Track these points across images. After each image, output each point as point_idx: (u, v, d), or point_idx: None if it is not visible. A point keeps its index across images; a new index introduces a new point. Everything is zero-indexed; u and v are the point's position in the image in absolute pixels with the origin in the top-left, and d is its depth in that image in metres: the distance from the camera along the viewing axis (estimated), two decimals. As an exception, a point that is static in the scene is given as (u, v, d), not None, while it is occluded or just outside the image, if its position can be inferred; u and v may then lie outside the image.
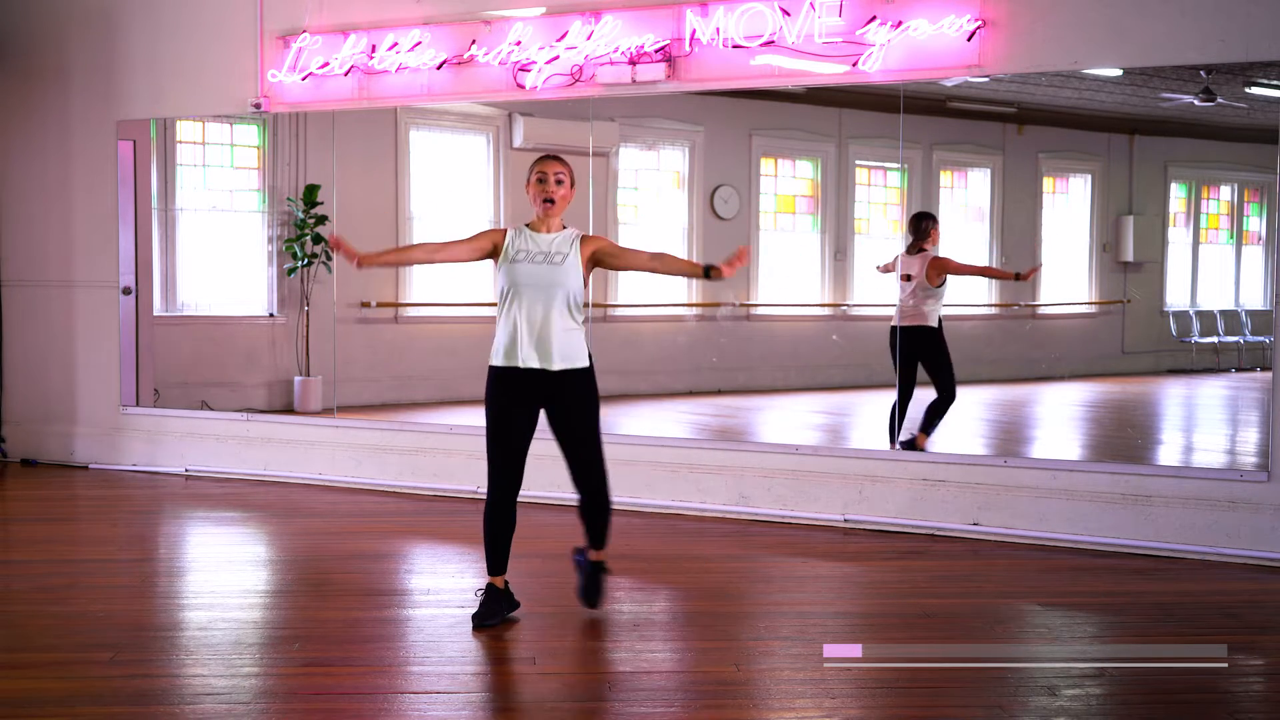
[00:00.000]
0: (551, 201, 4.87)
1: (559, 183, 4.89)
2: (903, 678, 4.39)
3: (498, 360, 4.89)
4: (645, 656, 4.64)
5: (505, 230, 4.96)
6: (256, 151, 9.85)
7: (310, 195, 9.52)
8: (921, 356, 7.49)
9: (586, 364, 4.90)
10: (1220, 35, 6.10)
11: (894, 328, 7.60)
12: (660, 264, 5.07)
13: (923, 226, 7.64)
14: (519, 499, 5.00)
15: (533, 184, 4.91)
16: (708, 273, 4.85)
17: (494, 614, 4.93)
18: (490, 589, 4.99)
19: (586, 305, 5.10)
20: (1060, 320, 9.88)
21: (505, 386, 4.87)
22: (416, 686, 4.32)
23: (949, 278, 7.58)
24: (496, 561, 4.98)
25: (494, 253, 4.94)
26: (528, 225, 4.94)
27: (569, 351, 4.84)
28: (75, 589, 5.58)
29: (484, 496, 7.58)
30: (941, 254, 7.60)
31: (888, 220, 10.46)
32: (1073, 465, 6.74)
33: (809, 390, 10.43)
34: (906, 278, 7.53)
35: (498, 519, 4.94)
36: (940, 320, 7.51)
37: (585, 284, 4.92)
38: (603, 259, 4.96)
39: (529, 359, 4.81)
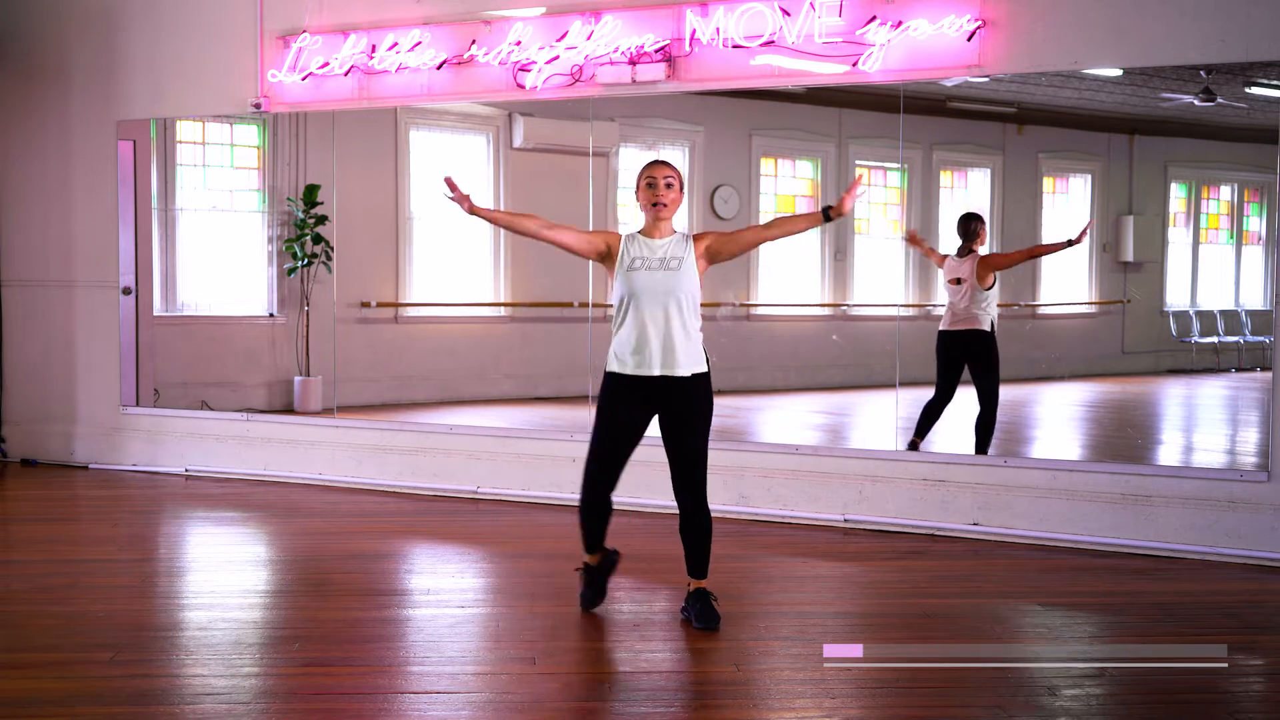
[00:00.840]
0: (664, 205, 4.84)
1: (669, 186, 4.85)
2: (903, 678, 4.39)
3: (617, 367, 4.87)
4: (645, 656, 4.64)
5: (619, 236, 4.93)
6: (256, 151, 9.85)
7: (310, 195, 9.52)
8: (971, 361, 7.43)
9: (706, 369, 4.90)
10: (1220, 35, 6.10)
11: (942, 332, 7.52)
12: (778, 230, 4.99)
13: (971, 228, 7.57)
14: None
15: (642, 189, 4.87)
16: (827, 213, 4.82)
17: (598, 595, 5.10)
18: (587, 569, 5.09)
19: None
20: (1060, 320, 9.87)
21: (624, 393, 4.86)
22: (416, 686, 4.32)
23: (999, 276, 7.55)
24: (592, 542, 5.06)
25: (606, 256, 4.93)
26: (639, 232, 4.92)
27: (691, 357, 4.84)
28: (75, 589, 5.58)
29: (484, 496, 7.67)
30: (988, 253, 7.57)
31: (888, 220, 10.45)
32: (1073, 465, 6.75)
33: (809, 390, 10.43)
34: (956, 281, 7.49)
35: (593, 510, 4.99)
36: (993, 324, 7.47)
37: (701, 284, 4.90)
38: (717, 253, 4.91)
39: (653, 366, 4.81)
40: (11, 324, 9.11)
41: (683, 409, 4.86)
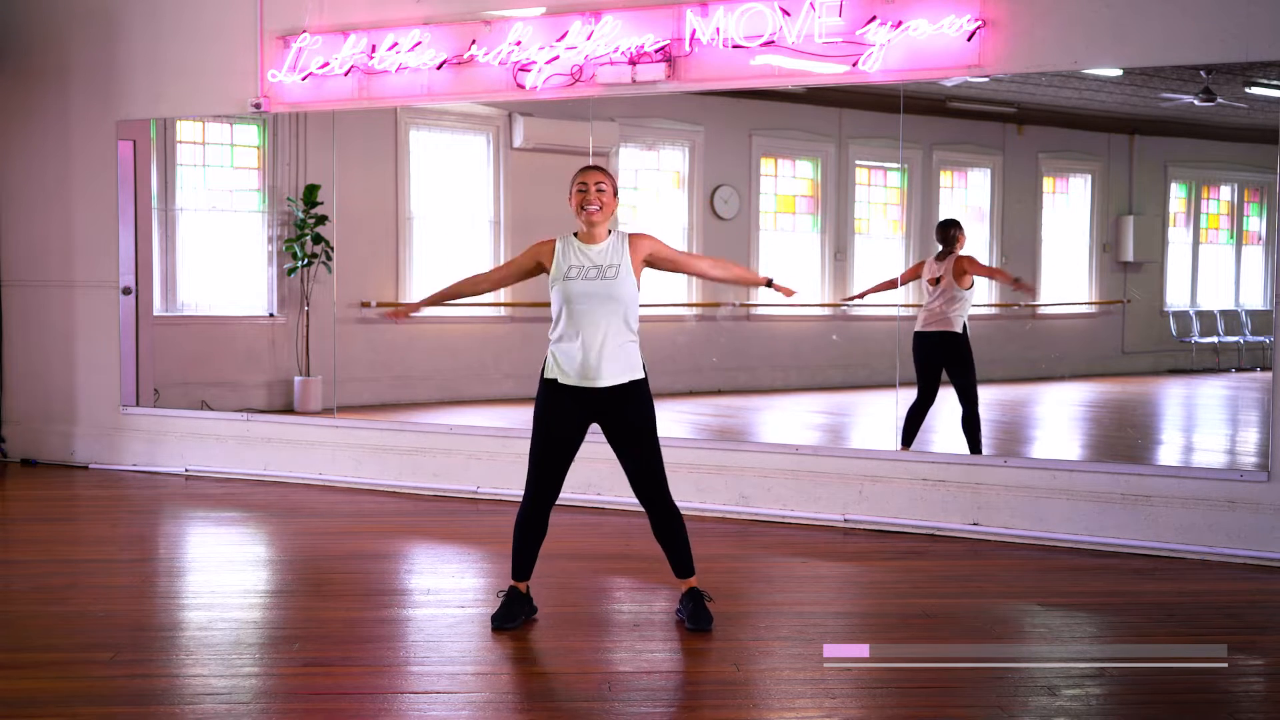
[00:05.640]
0: (597, 208, 4.79)
1: (600, 191, 4.80)
2: (903, 678, 4.39)
3: (555, 375, 4.82)
4: (645, 656, 4.64)
5: (553, 241, 4.86)
6: (256, 151, 9.86)
7: (310, 195, 9.52)
8: (946, 363, 7.45)
9: (642, 374, 4.86)
10: (1220, 35, 6.10)
11: (917, 333, 7.55)
12: (722, 271, 5.09)
13: (950, 234, 7.60)
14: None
15: (575, 194, 4.82)
16: (770, 283, 5.05)
17: (513, 617, 4.92)
18: (512, 591, 4.98)
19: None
20: (1060, 320, 9.88)
21: (559, 401, 4.82)
22: (416, 686, 4.32)
23: (975, 281, 7.57)
24: (522, 567, 4.96)
25: (541, 269, 4.87)
26: (575, 235, 4.87)
27: (627, 365, 4.80)
28: (75, 589, 5.58)
29: (484, 496, 7.67)
30: (967, 254, 7.59)
31: (888, 220, 10.46)
32: (1073, 465, 6.74)
33: (809, 390, 10.43)
34: (935, 281, 7.52)
35: (530, 526, 4.92)
36: (965, 326, 7.48)
37: (639, 287, 4.85)
38: (656, 263, 4.87)
39: (587, 378, 4.76)
40: (11, 324, 9.12)
41: (626, 418, 4.83)
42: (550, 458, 4.87)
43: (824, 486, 7.01)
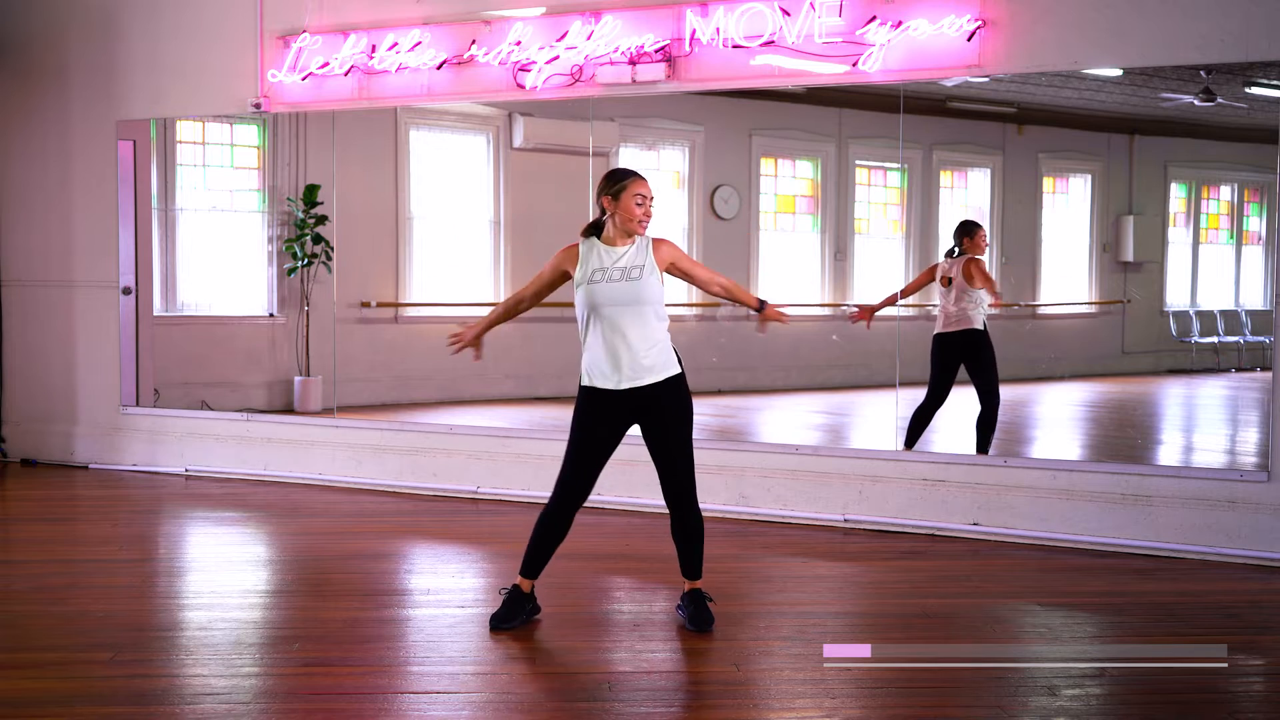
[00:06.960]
0: (647, 222, 4.78)
1: (652, 205, 4.81)
2: (903, 678, 4.39)
3: (590, 382, 4.82)
4: (645, 656, 4.64)
5: (576, 246, 4.83)
6: (256, 151, 9.86)
7: (310, 195, 9.52)
8: (967, 360, 7.42)
9: (678, 370, 4.85)
10: (1220, 35, 6.10)
11: (938, 335, 7.51)
12: (725, 293, 5.01)
13: (962, 236, 7.61)
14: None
15: (629, 205, 4.74)
16: (762, 306, 4.98)
17: (513, 616, 4.91)
18: (515, 590, 4.96)
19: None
20: (1060, 320, 9.87)
21: (598, 407, 4.81)
22: (416, 686, 4.32)
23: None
24: (533, 565, 4.94)
25: (566, 276, 4.84)
26: (598, 238, 4.83)
27: (661, 363, 4.79)
28: (75, 589, 5.58)
29: (484, 496, 7.67)
30: (978, 256, 7.58)
31: (888, 220, 10.45)
32: (1073, 465, 6.74)
33: (809, 390, 10.43)
34: (947, 281, 7.51)
35: (553, 525, 4.90)
36: (985, 323, 7.47)
37: (663, 288, 4.84)
38: (674, 271, 4.86)
39: (623, 380, 4.76)
40: (11, 324, 9.12)
41: (662, 415, 4.82)
42: (586, 461, 4.85)
43: (824, 486, 7.01)
